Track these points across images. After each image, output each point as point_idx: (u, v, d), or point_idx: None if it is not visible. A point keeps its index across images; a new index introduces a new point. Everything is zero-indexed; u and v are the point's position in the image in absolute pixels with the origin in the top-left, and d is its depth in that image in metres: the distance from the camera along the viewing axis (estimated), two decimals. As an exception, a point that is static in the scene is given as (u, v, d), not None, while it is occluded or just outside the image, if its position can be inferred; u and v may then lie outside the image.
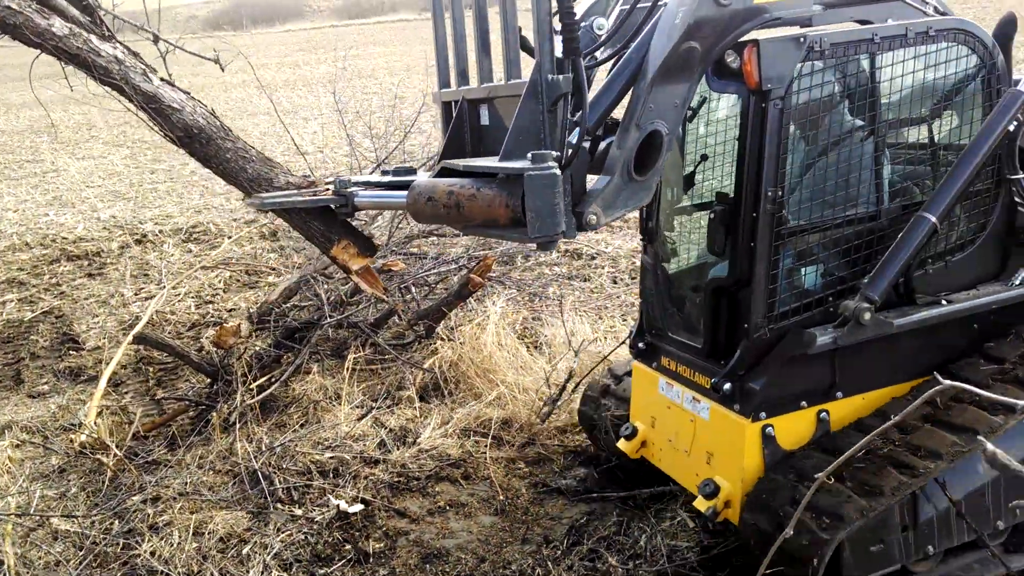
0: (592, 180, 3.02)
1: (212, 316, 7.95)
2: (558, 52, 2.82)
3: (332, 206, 3.52)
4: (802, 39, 3.35)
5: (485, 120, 3.37)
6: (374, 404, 5.78)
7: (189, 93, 3.81)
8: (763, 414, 3.62)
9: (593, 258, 9.19)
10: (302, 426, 5.56)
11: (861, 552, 3.34)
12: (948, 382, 2.09)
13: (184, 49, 4.16)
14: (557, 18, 2.79)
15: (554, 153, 2.76)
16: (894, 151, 3.78)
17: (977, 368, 3.81)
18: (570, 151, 2.83)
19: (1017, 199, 3.90)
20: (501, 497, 4.73)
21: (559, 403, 5.42)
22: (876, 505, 3.28)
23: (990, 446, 1.97)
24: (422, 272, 7.07)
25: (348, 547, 4.41)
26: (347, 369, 5.95)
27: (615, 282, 8.40)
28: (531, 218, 2.74)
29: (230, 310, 8.08)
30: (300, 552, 4.39)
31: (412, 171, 3.51)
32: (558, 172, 2.74)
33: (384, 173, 3.50)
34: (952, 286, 3.82)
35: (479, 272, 5.83)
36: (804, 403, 3.67)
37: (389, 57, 32.66)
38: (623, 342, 5.36)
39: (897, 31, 3.52)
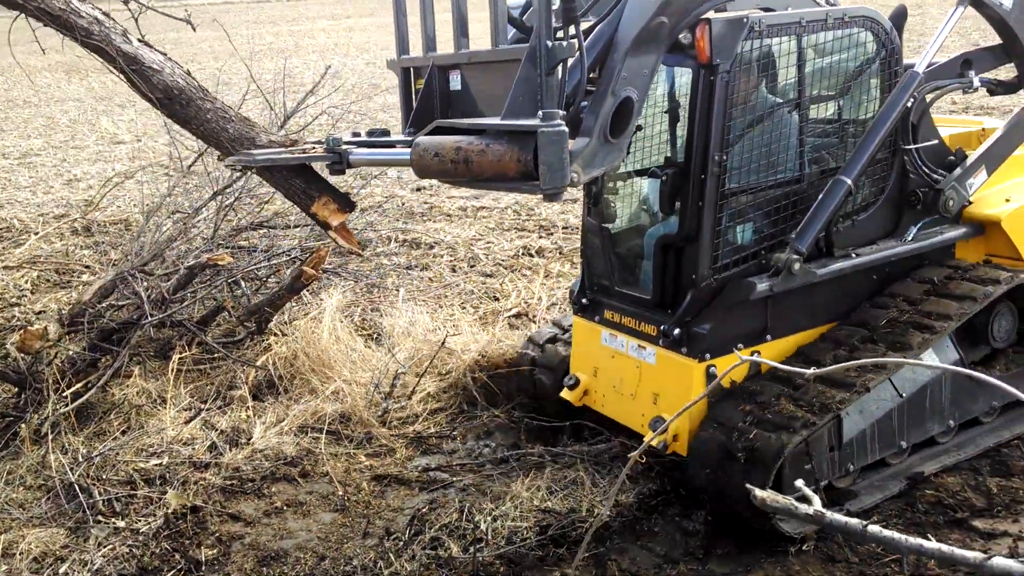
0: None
1: (18, 319, 7.30)
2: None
3: (324, 163, 3.63)
4: (745, 19, 3.79)
5: (456, 85, 3.61)
6: (203, 406, 5.51)
7: (166, 54, 3.79)
8: (708, 355, 4.06)
9: (432, 247, 9.18)
10: (124, 433, 5.21)
11: (798, 468, 3.83)
12: (747, 357, 2.29)
13: (156, 10, 4.10)
14: None
15: (561, 112, 3.02)
16: (813, 123, 4.25)
17: (875, 313, 4.35)
18: (571, 110, 3.13)
19: (909, 167, 4.47)
20: (340, 493, 4.65)
21: (392, 396, 5.38)
22: (818, 421, 3.81)
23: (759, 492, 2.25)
24: (252, 266, 6.80)
25: (178, 557, 4.19)
26: (172, 370, 5.63)
27: (454, 270, 8.43)
28: (543, 171, 2.98)
29: (38, 312, 7.44)
30: (125, 566, 4.12)
31: (387, 132, 3.78)
32: (566, 129, 2.99)
33: (355, 135, 3.75)
34: (857, 242, 4.37)
35: (312, 264, 5.67)
36: (741, 345, 4.13)
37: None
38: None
39: (819, 16, 4.04)
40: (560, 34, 3.12)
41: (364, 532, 4.33)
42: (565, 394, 4.74)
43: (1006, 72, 4.79)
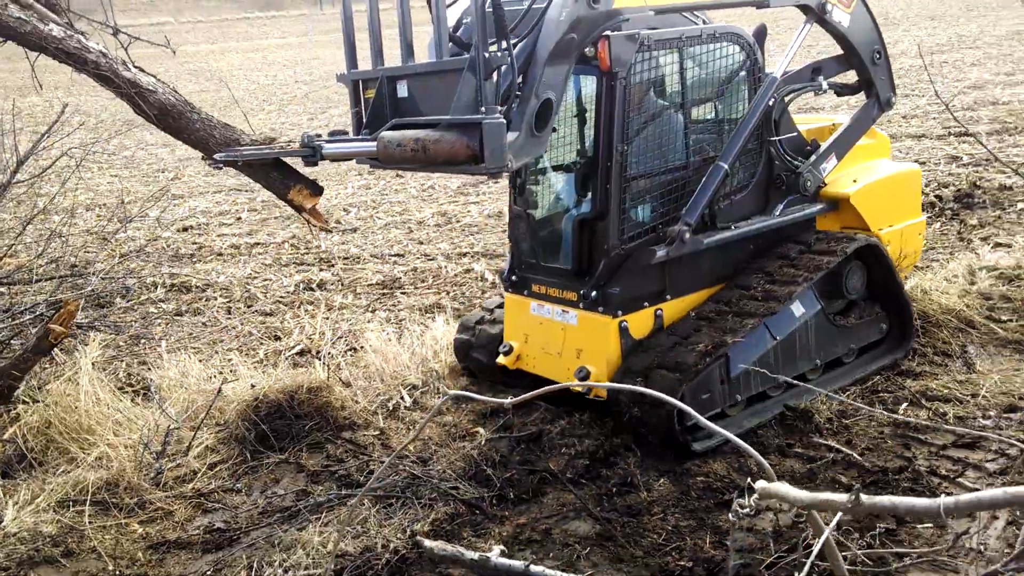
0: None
1: None
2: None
3: (300, 157, 4.08)
4: (636, 35, 4.57)
5: (403, 93, 4.24)
6: (-61, 493, 4.84)
7: (157, 77, 4.29)
8: (620, 312, 4.83)
9: (204, 289, 8.69)
10: None
11: (696, 399, 4.70)
12: (454, 392, 2.37)
13: (141, 39, 4.68)
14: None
15: (500, 108, 3.80)
16: (695, 120, 5.10)
17: (751, 275, 5.23)
18: (504, 110, 3.83)
19: (774, 156, 5.39)
20: (111, 568, 4.24)
21: (166, 454, 5.01)
22: (705, 361, 4.63)
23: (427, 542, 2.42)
24: (-10, 328, 6.09)
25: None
26: None
27: (230, 312, 8.03)
28: (487, 154, 3.71)
29: None
30: None
31: (345, 132, 4.44)
32: (504, 121, 3.77)
33: (318, 135, 4.20)
34: (736, 218, 5.24)
35: (61, 320, 5.16)
36: (646, 303, 4.95)
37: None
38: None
39: (695, 32, 4.89)
40: (493, 47, 3.86)
41: (142, 607, 3.97)
42: (501, 360, 5.38)
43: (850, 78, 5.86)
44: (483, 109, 3.73)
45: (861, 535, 3.92)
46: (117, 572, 4.22)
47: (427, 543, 2.73)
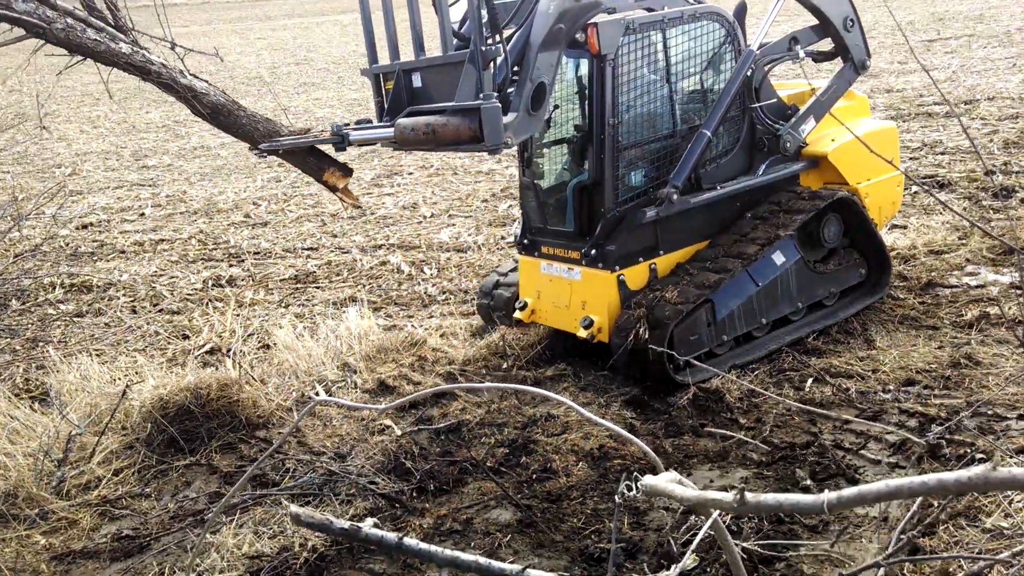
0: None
1: None
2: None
3: (331, 144, 4.66)
4: (623, 20, 5.15)
5: (418, 83, 4.85)
6: None
7: (208, 81, 4.85)
8: (617, 267, 5.42)
9: (106, 289, 8.34)
10: None
11: (686, 340, 5.33)
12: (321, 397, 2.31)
13: (195, 50, 5.16)
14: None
15: (495, 94, 4.38)
16: (682, 93, 5.63)
17: (742, 227, 5.77)
18: (502, 95, 4.45)
19: (756, 121, 5.87)
20: (12, 583, 4.04)
21: (68, 462, 4.79)
22: (692, 306, 5.26)
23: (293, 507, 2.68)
24: None
25: None
26: None
27: (135, 312, 7.73)
28: (487, 134, 4.35)
29: None
30: None
31: (370, 120, 5.03)
32: (499, 105, 4.37)
33: (346, 124, 4.82)
34: (721, 179, 5.76)
35: (-53, 325, 4.87)
36: (641, 259, 5.53)
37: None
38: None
39: (676, 14, 5.43)
40: (490, 40, 4.39)
41: (46, 622, 3.80)
42: (517, 315, 5.98)
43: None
44: (481, 96, 4.33)
45: (755, 520, 4.04)
46: (18, 587, 4.02)
47: (293, 508, 2.69)
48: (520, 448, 4.84)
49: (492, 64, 4.44)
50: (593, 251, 5.45)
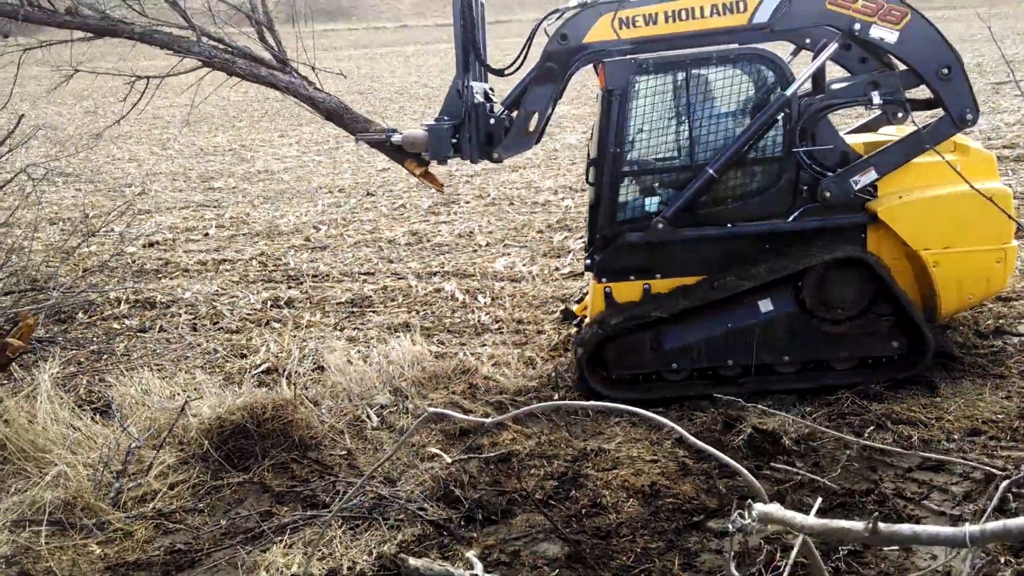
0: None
1: None
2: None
3: (386, 139, 5.91)
4: (633, 60, 5.51)
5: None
6: None
7: (326, 92, 6.23)
8: (604, 279, 5.79)
9: (168, 306, 8.55)
10: None
11: (621, 360, 5.74)
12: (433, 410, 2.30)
13: (326, 70, 6.65)
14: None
15: (447, 118, 5.56)
16: (708, 128, 5.68)
17: (746, 268, 5.67)
18: (466, 119, 5.59)
19: (801, 165, 5.60)
20: (68, 591, 4.12)
21: (126, 474, 4.89)
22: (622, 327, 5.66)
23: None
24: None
25: None
26: None
27: (195, 329, 7.90)
28: (431, 149, 5.61)
29: None
30: None
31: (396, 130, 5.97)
32: (446, 126, 5.54)
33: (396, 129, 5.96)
34: (744, 218, 5.69)
35: (19, 335, 5.04)
36: (632, 276, 5.78)
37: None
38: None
39: (705, 55, 5.54)
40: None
41: (98, 631, 3.86)
42: (574, 307, 7.06)
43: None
44: (433, 120, 5.52)
45: (828, 557, 3.93)
46: (73, 595, 4.10)
47: (412, 561, 2.63)
48: (570, 481, 4.80)
49: (464, 92, 5.50)
50: (589, 261, 5.94)
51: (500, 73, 5.82)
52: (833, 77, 6.04)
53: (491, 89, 6.04)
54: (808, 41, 5.49)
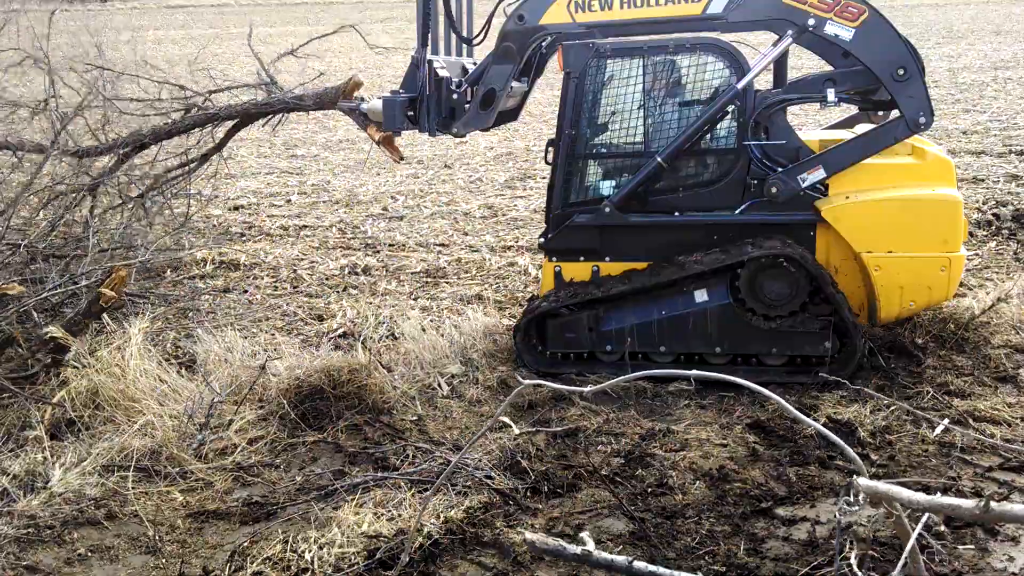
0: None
1: None
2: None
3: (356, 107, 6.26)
4: (590, 45, 5.58)
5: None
6: (-9, 449, 4.99)
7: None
8: (554, 259, 5.94)
9: (251, 268, 8.82)
10: None
11: (559, 337, 5.88)
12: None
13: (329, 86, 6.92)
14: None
15: (403, 91, 5.76)
16: (663, 116, 5.79)
17: (685, 260, 5.66)
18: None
19: (751, 159, 5.63)
20: (152, 533, 4.33)
21: (208, 427, 5.10)
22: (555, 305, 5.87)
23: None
24: (44, 293, 6.24)
25: (-40, 621, 3.76)
26: (-47, 413, 5.07)
27: (276, 292, 8.14)
28: (384, 119, 5.79)
29: None
30: None
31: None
32: (399, 100, 5.70)
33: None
34: (696, 208, 5.74)
35: (111, 286, 5.28)
36: (582, 258, 5.89)
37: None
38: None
39: (661, 43, 5.63)
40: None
41: (179, 572, 4.06)
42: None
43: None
44: (389, 91, 5.78)
45: (898, 553, 3.85)
46: (157, 538, 4.31)
47: (528, 535, 2.67)
48: (637, 460, 4.81)
49: (422, 65, 5.60)
50: (542, 241, 6.00)
51: (468, 43, 6.16)
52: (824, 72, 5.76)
53: (475, 64, 6.16)
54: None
